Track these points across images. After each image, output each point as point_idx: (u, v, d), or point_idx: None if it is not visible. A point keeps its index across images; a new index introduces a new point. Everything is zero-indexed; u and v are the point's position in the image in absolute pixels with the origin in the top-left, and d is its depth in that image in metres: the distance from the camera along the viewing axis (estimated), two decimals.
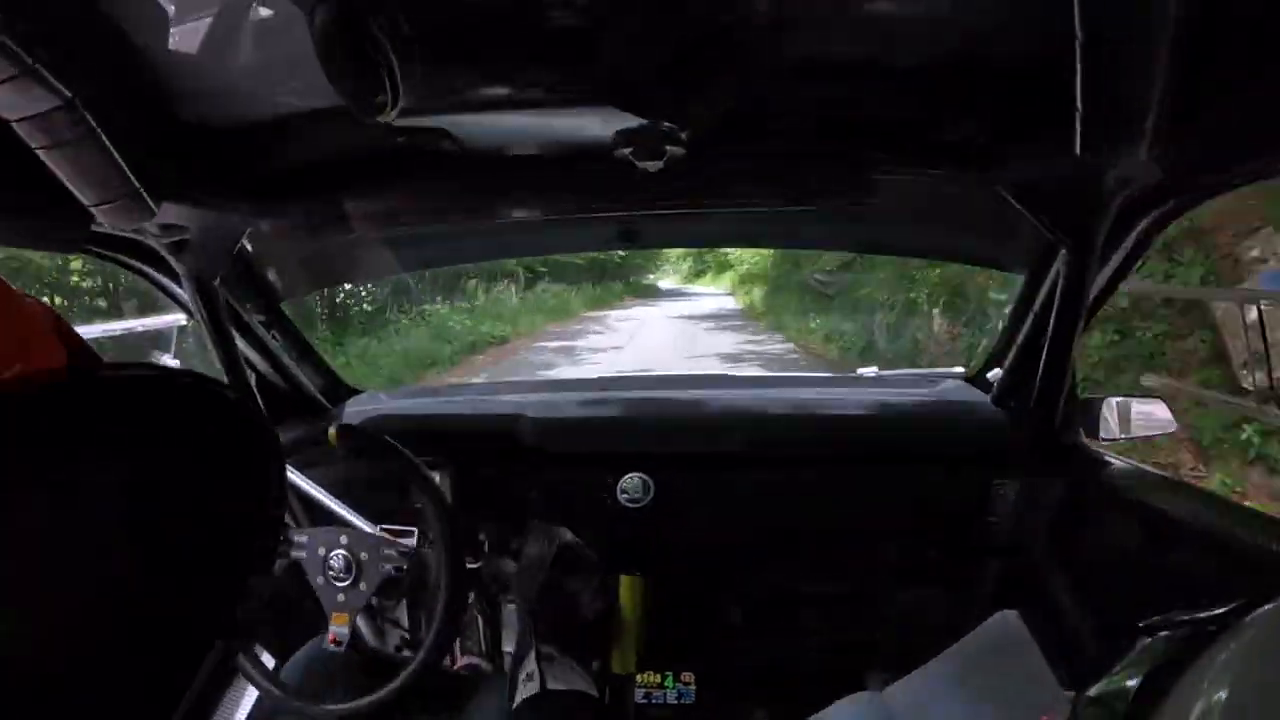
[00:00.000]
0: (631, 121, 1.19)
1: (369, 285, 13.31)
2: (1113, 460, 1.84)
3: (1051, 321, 1.67)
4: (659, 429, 2.14)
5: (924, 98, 1.38)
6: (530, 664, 1.36)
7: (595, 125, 1.22)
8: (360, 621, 1.68)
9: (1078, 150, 1.15)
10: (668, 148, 1.28)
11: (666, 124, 1.18)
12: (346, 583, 1.62)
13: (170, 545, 0.55)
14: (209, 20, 1.15)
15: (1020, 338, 1.92)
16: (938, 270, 9.93)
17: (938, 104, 1.40)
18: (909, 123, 1.45)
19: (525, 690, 1.33)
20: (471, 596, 1.79)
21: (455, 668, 1.87)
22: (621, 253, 18.31)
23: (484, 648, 1.87)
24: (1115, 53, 0.99)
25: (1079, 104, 1.08)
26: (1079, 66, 1.03)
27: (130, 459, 0.53)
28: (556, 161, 1.49)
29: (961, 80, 1.32)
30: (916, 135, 1.46)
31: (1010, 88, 1.31)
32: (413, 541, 1.70)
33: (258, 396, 2.05)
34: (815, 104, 1.42)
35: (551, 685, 1.33)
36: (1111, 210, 1.43)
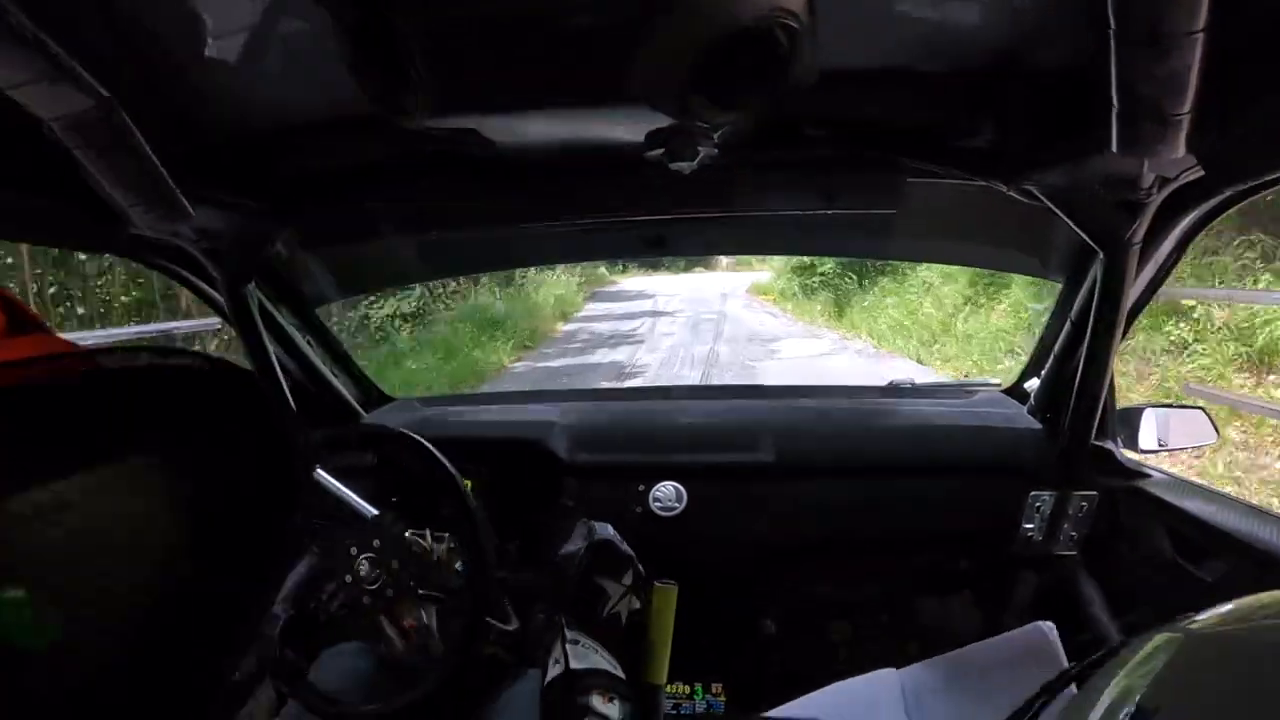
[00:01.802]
0: (664, 122, 1.19)
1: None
2: (1151, 471, 1.81)
3: (1089, 329, 1.63)
4: (691, 439, 2.12)
5: (957, 104, 1.38)
6: (557, 650, 1.36)
7: (627, 127, 1.22)
8: (387, 624, 1.68)
9: (1114, 149, 1.13)
10: (700, 149, 1.27)
11: (700, 124, 1.17)
12: (376, 586, 1.62)
13: (203, 539, 0.56)
14: (243, 27, 1.16)
15: (1057, 347, 1.88)
16: None
17: (971, 110, 1.39)
18: (942, 129, 1.44)
19: (551, 673, 1.33)
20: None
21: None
22: None
23: (510, 643, 1.86)
24: (1151, 48, 0.96)
25: (1115, 102, 1.06)
26: (1114, 64, 1.01)
27: (167, 447, 0.53)
28: (587, 166, 1.49)
29: (995, 85, 1.31)
30: (949, 141, 1.44)
31: (1044, 91, 1.29)
32: (444, 544, 1.70)
33: (290, 400, 2.06)
34: (848, 110, 1.42)
35: (575, 665, 1.33)
36: (1149, 211, 1.40)
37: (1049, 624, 1.70)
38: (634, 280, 25.45)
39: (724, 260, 27.90)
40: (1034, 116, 1.35)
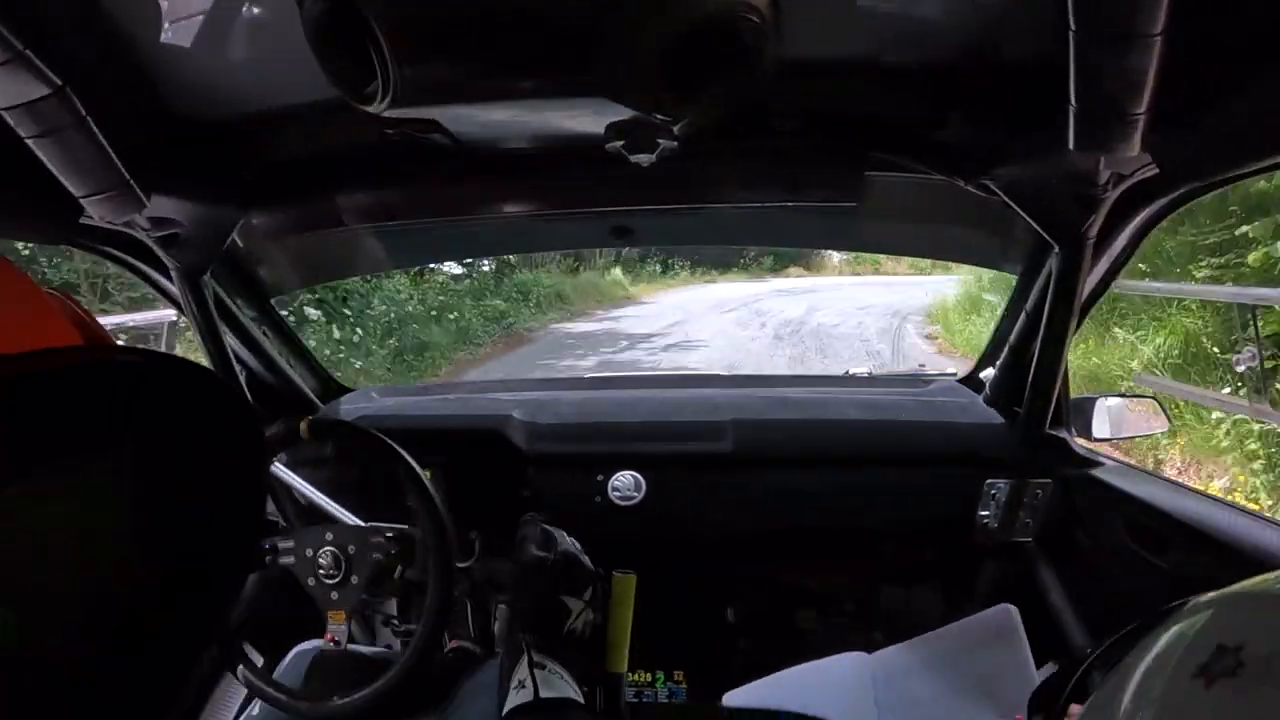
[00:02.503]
0: (623, 115, 1.19)
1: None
2: (1104, 459, 1.85)
3: (1044, 320, 1.66)
4: (649, 428, 2.13)
5: (919, 98, 1.39)
6: (523, 670, 1.35)
7: (588, 118, 1.22)
8: (349, 617, 1.67)
9: (1072, 146, 1.15)
10: (660, 141, 1.28)
11: (659, 118, 1.17)
12: (337, 579, 1.61)
13: (161, 538, 0.55)
14: (202, 12, 1.14)
15: (1013, 338, 1.91)
16: None
17: (931, 104, 1.40)
18: (902, 122, 1.45)
19: (517, 697, 1.32)
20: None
21: (445, 650, 1.86)
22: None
23: (473, 633, 1.86)
24: (1111, 49, 0.98)
25: (1073, 100, 1.08)
26: (1074, 64, 1.03)
27: (126, 444, 0.53)
28: (549, 156, 1.48)
29: (955, 80, 1.32)
30: (910, 135, 1.46)
31: (1005, 87, 1.31)
32: (400, 526, 1.69)
33: (247, 392, 2.03)
34: (811, 102, 1.43)
35: (545, 694, 1.32)
36: (1104, 207, 1.42)
37: (1013, 606, 1.74)
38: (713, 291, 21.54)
39: (834, 257, 24.96)
40: (994, 112, 1.36)
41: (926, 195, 1.70)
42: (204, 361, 1.88)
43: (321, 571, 1.61)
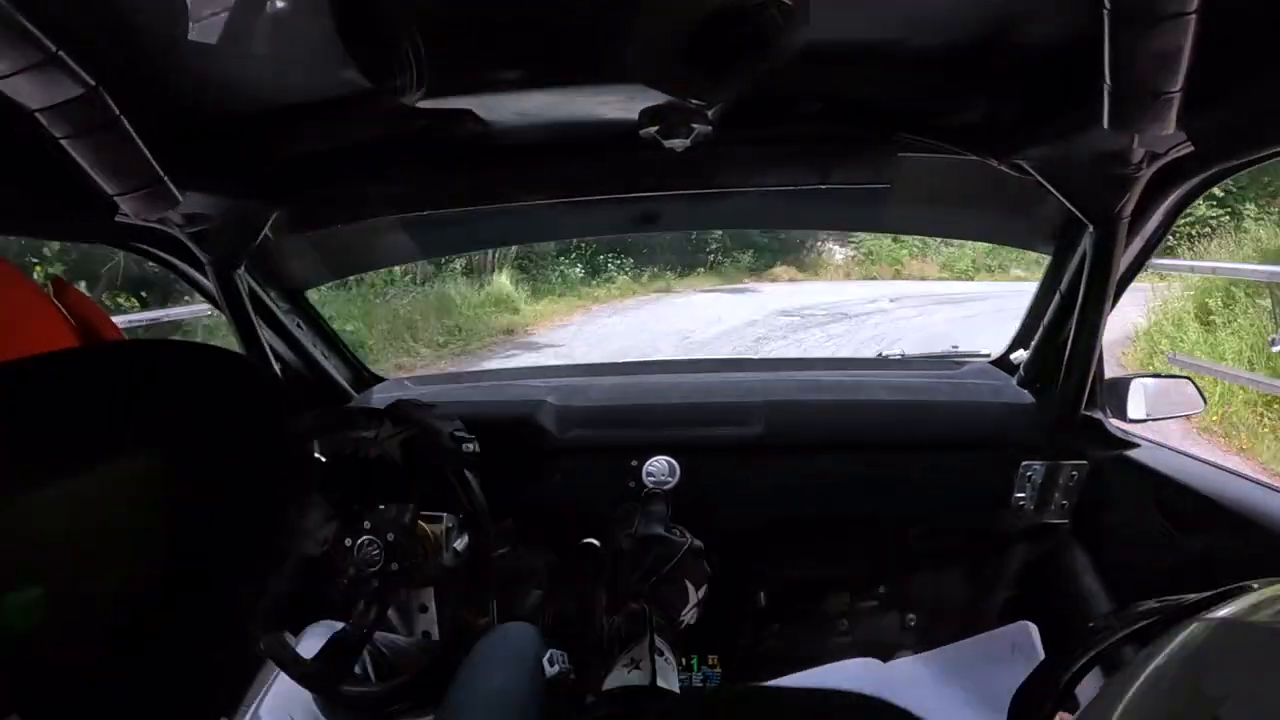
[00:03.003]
0: (658, 99, 1.18)
1: None
2: (1139, 440, 1.83)
3: (1079, 301, 1.65)
4: (682, 413, 2.12)
5: (950, 78, 1.37)
6: (642, 651, 1.33)
7: (621, 104, 1.21)
8: (384, 604, 1.68)
9: (1106, 125, 1.13)
10: (694, 126, 1.27)
11: (694, 102, 1.16)
12: (377, 566, 1.62)
13: (199, 522, 0.55)
14: (230, 9, 1.14)
15: (1047, 318, 1.90)
16: None
17: (964, 85, 1.39)
18: (935, 104, 1.44)
19: (628, 677, 1.30)
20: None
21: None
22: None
23: (496, 621, 1.87)
24: (1144, 25, 0.97)
25: (1107, 79, 1.07)
26: (1107, 42, 1.01)
27: (166, 432, 0.53)
28: (578, 143, 1.48)
29: (988, 61, 1.31)
30: (942, 116, 1.45)
31: (1037, 66, 1.30)
32: (443, 524, 1.70)
33: (284, 383, 2.05)
34: (841, 85, 1.42)
35: (661, 683, 1.31)
36: (1138, 186, 1.41)
37: (1031, 624, 1.76)
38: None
39: (836, 254, 20.23)
40: (1027, 91, 1.35)
41: (958, 176, 1.69)
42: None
43: (359, 557, 1.63)
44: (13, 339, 0.52)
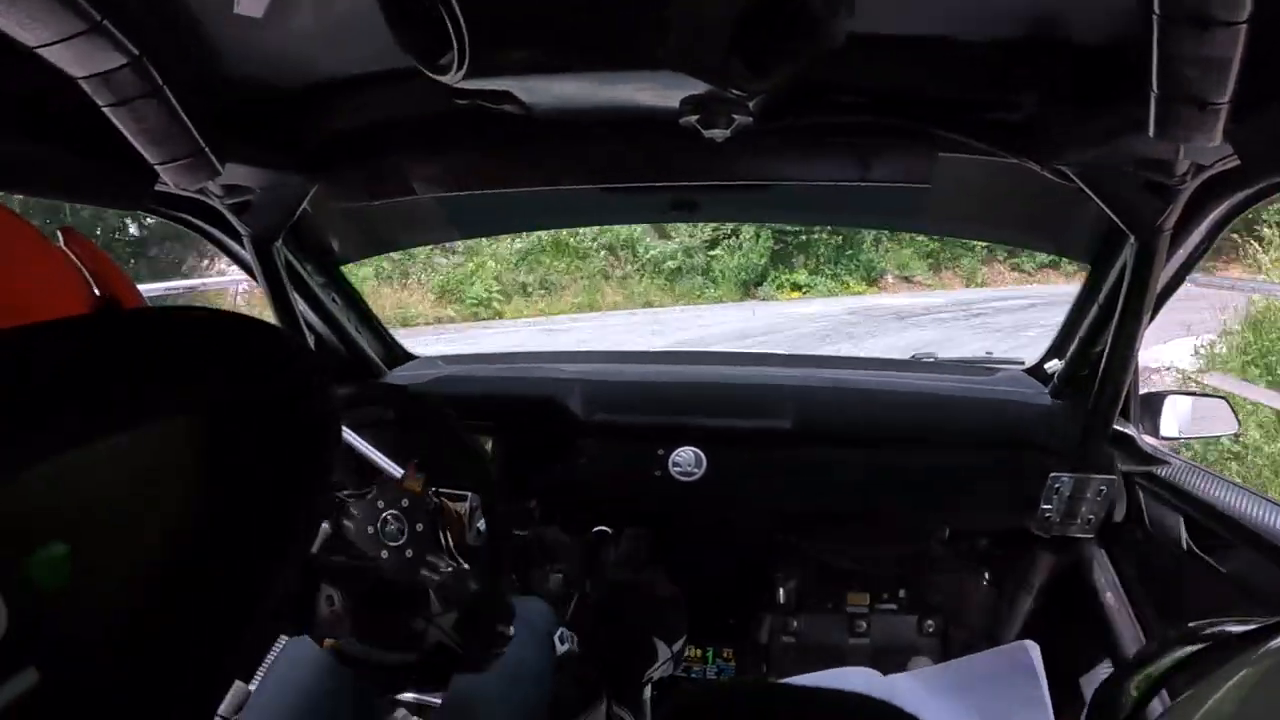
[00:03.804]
0: (698, 89, 1.17)
1: None
2: (1170, 458, 1.80)
3: (1117, 313, 1.62)
4: (710, 403, 2.12)
5: (991, 77, 1.35)
6: (598, 716, 1.32)
7: (661, 92, 1.21)
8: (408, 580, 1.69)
9: (1151, 134, 1.10)
10: (735, 116, 1.26)
11: (734, 93, 1.15)
12: (399, 543, 1.63)
13: (229, 491, 0.56)
14: None
15: (1083, 329, 1.87)
16: None
17: (1007, 83, 1.36)
18: (975, 102, 1.42)
19: None
20: None
21: None
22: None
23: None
24: (1193, 31, 0.94)
25: (1155, 85, 1.04)
26: (1156, 47, 0.99)
27: (198, 400, 0.54)
28: (618, 128, 1.47)
29: (1032, 59, 1.29)
30: (985, 115, 1.42)
31: (1083, 68, 1.27)
32: (466, 504, 1.71)
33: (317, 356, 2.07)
34: (884, 79, 1.40)
35: None
36: (1182, 197, 1.39)
37: (1034, 644, 1.76)
38: None
39: None
40: (1071, 94, 1.32)
41: (997, 179, 1.67)
42: None
43: (386, 532, 1.64)
44: (18, 284, 0.52)
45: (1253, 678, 0.51)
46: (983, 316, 14.13)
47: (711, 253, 17.63)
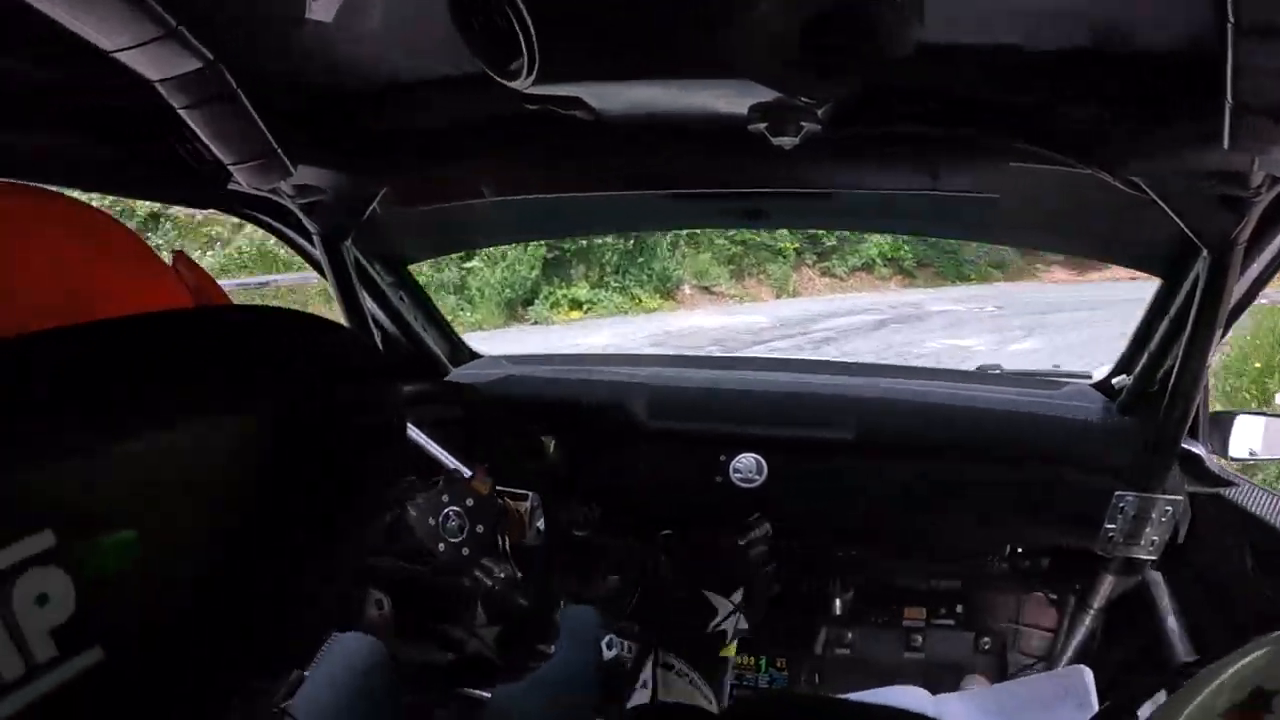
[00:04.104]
0: (767, 96, 1.16)
1: None
2: (1238, 480, 1.76)
3: (1188, 328, 1.57)
4: (773, 411, 2.11)
5: (1061, 85, 1.33)
6: (646, 672, 1.31)
7: (730, 98, 1.20)
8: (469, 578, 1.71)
9: (1225, 145, 1.08)
10: (803, 124, 1.24)
11: (803, 100, 1.14)
12: (457, 540, 1.65)
13: (297, 484, 0.57)
14: None
15: (1153, 345, 1.82)
16: None
17: (1079, 93, 1.34)
18: (1046, 111, 1.39)
19: (636, 697, 1.28)
20: None
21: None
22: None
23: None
24: (1268, 42, 0.92)
25: (1229, 96, 1.01)
26: (1230, 56, 0.96)
27: (268, 395, 0.55)
28: (687, 134, 1.47)
29: (1105, 69, 1.26)
30: (1053, 124, 1.39)
31: (1156, 77, 1.24)
32: (528, 503, 1.72)
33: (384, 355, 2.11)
34: (954, 87, 1.38)
35: (664, 696, 1.28)
36: (1256, 210, 1.35)
37: (1087, 670, 1.70)
38: None
39: None
40: (1143, 104, 1.29)
41: (1070, 190, 1.63)
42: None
43: (447, 530, 1.65)
44: (129, 301, 0.54)
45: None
46: (836, 343, 12.75)
47: (466, 265, 14.92)
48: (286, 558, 0.58)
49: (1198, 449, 1.80)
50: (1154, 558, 1.84)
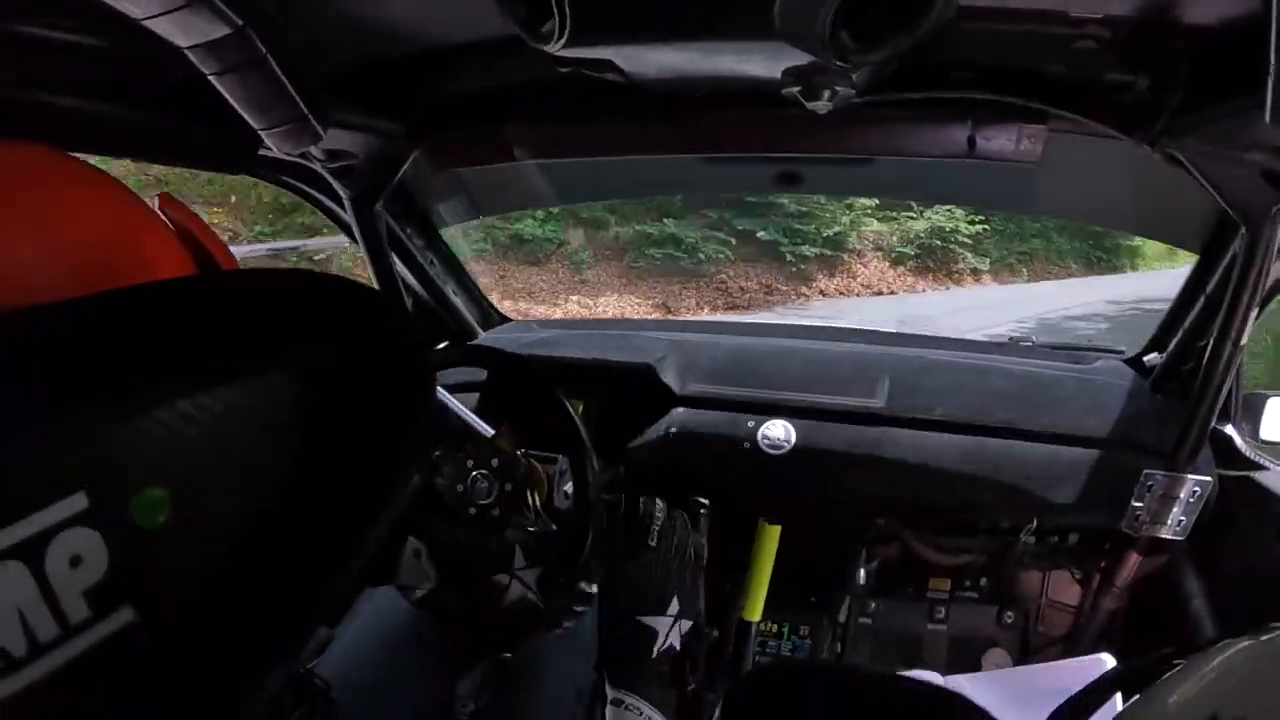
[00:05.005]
0: (802, 60, 1.14)
1: None
2: (1270, 464, 1.75)
3: (1224, 306, 1.55)
4: (804, 378, 2.11)
5: (1102, 54, 1.30)
6: (598, 716, 1.31)
7: (764, 62, 1.18)
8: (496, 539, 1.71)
9: (1267, 119, 1.04)
10: (839, 89, 1.22)
11: (838, 64, 1.12)
12: (487, 501, 1.65)
13: (328, 445, 0.58)
14: None
15: (1188, 322, 1.80)
16: None
17: (1117, 62, 1.31)
18: (1086, 80, 1.36)
19: None
20: None
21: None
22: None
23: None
24: None
25: (1271, 70, 0.98)
26: (1275, 27, 0.93)
27: (300, 357, 0.56)
28: (721, 98, 1.45)
29: (1146, 36, 1.23)
30: (1093, 94, 1.37)
31: (1198, 47, 1.21)
32: (556, 466, 1.72)
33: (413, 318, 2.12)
34: (994, 54, 1.36)
35: None
36: None
37: (1108, 656, 1.72)
38: None
39: None
40: (1185, 76, 1.26)
41: (1108, 161, 1.61)
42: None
43: (475, 491, 1.66)
44: (123, 254, 0.54)
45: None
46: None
47: None
48: (318, 516, 0.58)
49: (1229, 430, 1.80)
50: (1181, 538, 1.82)
